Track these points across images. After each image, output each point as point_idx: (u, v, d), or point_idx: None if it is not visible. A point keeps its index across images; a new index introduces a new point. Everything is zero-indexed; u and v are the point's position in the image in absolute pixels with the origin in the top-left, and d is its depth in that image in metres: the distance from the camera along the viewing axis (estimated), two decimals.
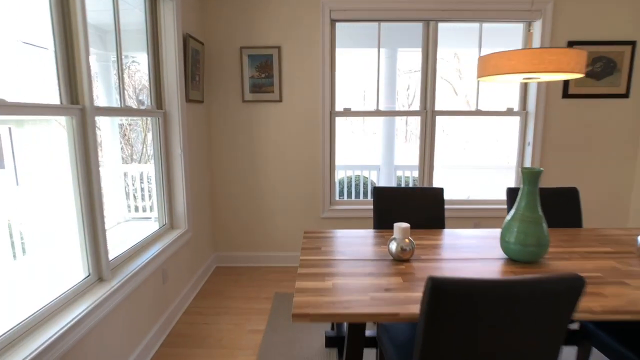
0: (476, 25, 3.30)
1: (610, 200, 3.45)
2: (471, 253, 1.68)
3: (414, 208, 2.22)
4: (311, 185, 3.29)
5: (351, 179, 5.87)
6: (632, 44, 3.25)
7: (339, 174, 5.83)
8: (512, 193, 2.24)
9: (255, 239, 3.37)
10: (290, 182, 3.29)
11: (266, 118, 3.18)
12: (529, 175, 1.51)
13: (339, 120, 3.63)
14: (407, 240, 1.56)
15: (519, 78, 1.67)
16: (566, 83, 3.24)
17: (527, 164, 3.39)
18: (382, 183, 5.68)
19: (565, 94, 3.25)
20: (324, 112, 3.18)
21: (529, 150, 3.36)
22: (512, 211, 1.58)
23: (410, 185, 5.89)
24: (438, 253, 1.68)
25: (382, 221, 2.20)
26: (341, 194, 5.82)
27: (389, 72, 5.45)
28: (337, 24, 3.18)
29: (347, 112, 3.29)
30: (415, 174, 5.74)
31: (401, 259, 1.57)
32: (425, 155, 3.37)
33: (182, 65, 2.50)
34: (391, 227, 2.18)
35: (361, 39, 3.83)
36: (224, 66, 3.10)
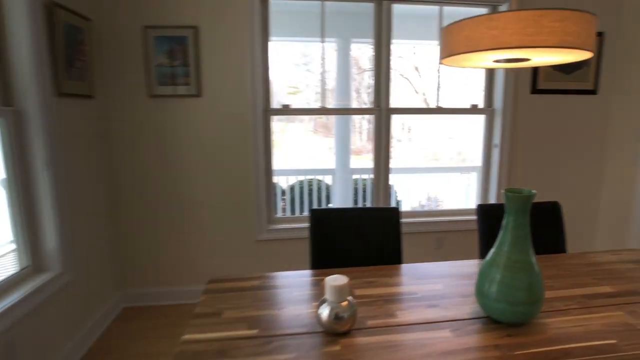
0: (435, 10, 2.91)
1: (581, 207, 3.21)
2: (438, 309, 1.23)
3: (363, 235, 1.74)
4: (244, 201, 2.75)
5: (303, 185, 5.37)
6: (600, 35, 3.01)
7: (290, 180, 5.32)
8: (484, 212, 1.83)
9: (175, 271, 2.77)
10: (216, 198, 2.72)
11: (181, 117, 2.60)
12: (517, 202, 1.07)
13: (296, 120, 3.12)
14: (345, 303, 1.07)
15: (491, 60, 1.23)
16: (535, 76, 2.93)
17: (494, 167, 3.06)
18: (337, 189, 5.24)
19: (534, 89, 2.94)
20: (255, 109, 2.64)
21: (496, 152, 3.03)
22: (492, 252, 1.14)
23: (369, 192, 5.49)
24: (392, 312, 1.21)
25: (322, 256, 1.71)
26: (292, 203, 5.32)
27: (341, 66, 5.01)
28: (273, 2, 2.65)
29: (286, 110, 2.78)
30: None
31: (336, 332, 1.08)
32: (381, 158, 2.94)
33: (45, 45, 1.86)
34: (333, 264, 1.70)
35: (306, 29, 3.34)
36: (123, 51, 2.48)
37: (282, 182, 5.46)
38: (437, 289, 1.39)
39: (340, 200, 5.16)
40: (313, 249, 1.71)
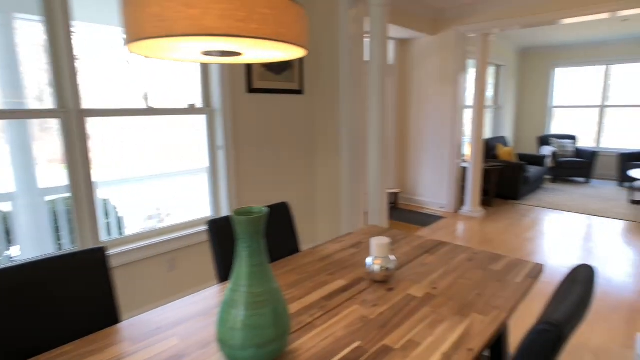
0: None
1: (303, 200, 3.67)
2: None
3: (50, 302, 1.26)
4: None
5: None
6: None
7: None
8: (217, 229, 1.69)
9: None
10: None
11: None
12: (250, 225, 0.94)
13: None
14: None
15: (199, 52, 1.07)
16: (249, 75, 3.07)
17: (222, 169, 3.04)
18: (23, 219, 4.01)
19: (250, 89, 3.08)
20: None
21: (221, 153, 3.01)
22: (229, 289, 0.99)
23: None
24: None
25: None
26: None
27: (4, 51, 3.81)
28: None
29: None
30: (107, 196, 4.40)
31: None
32: (79, 172, 2.36)
33: None
34: None
35: None
36: None
37: None
38: (170, 346, 1.13)
39: (31, 234, 3.99)
40: None
